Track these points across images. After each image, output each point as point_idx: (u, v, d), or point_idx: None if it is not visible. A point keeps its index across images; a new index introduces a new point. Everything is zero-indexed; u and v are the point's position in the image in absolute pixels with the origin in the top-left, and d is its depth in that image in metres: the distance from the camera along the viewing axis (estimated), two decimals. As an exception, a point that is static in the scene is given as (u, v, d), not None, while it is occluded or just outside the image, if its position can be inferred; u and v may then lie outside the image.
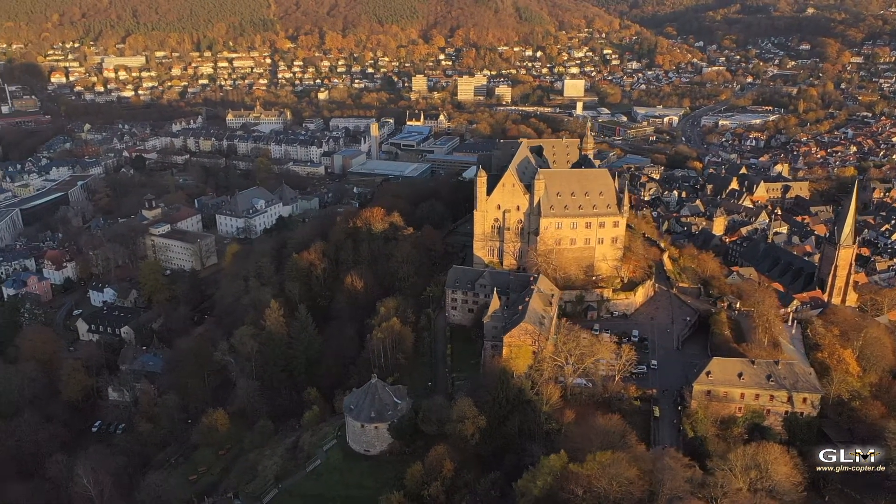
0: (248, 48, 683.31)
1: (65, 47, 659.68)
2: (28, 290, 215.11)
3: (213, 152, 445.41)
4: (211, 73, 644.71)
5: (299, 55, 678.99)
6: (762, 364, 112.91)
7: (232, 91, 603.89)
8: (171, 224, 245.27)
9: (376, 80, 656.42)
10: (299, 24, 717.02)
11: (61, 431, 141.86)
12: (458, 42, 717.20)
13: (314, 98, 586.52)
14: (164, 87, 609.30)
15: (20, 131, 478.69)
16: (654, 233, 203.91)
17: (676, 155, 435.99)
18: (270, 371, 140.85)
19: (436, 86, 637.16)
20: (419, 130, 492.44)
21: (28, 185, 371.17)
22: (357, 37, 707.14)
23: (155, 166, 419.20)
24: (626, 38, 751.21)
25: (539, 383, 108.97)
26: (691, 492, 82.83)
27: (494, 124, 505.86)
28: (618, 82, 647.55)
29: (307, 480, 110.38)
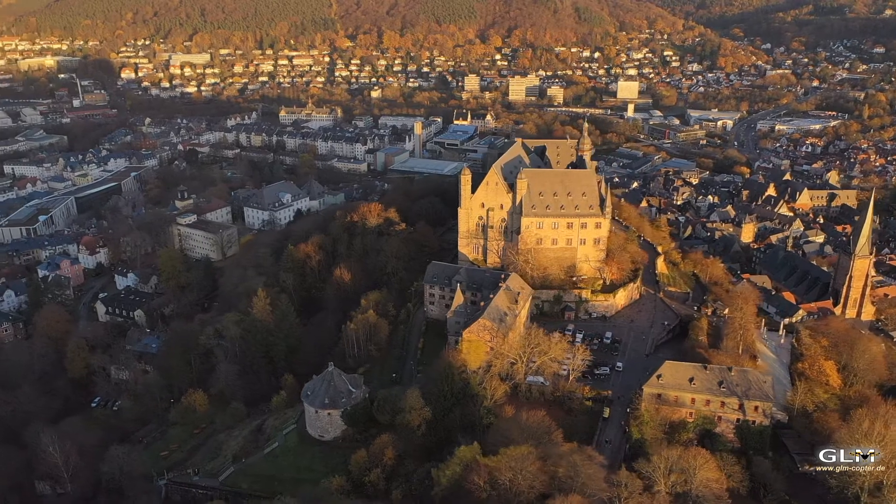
0: (309, 47, 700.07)
1: (136, 45, 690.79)
2: (60, 272, 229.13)
3: (263, 147, 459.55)
4: (271, 70, 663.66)
5: (357, 54, 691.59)
6: (714, 370, 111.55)
7: (289, 88, 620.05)
8: (199, 215, 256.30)
9: (431, 79, 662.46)
10: (359, 24, 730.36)
11: (56, 403, 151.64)
12: (514, 42, 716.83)
13: (367, 96, 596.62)
14: (226, 84, 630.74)
15: (87, 124, 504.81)
16: (663, 236, 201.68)
17: (725, 159, 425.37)
18: (252, 356, 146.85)
19: (489, 86, 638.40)
20: (464, 130, 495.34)
21: (87, 174, 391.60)
22: (414, 36, 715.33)
23: (206, 160, 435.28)
24: (688, 39, 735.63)
25: (486, 378, 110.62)
26: (597, 490, 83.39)
27: (542, 125, 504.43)
28: (675, 84, 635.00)
29: (262, 461, 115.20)
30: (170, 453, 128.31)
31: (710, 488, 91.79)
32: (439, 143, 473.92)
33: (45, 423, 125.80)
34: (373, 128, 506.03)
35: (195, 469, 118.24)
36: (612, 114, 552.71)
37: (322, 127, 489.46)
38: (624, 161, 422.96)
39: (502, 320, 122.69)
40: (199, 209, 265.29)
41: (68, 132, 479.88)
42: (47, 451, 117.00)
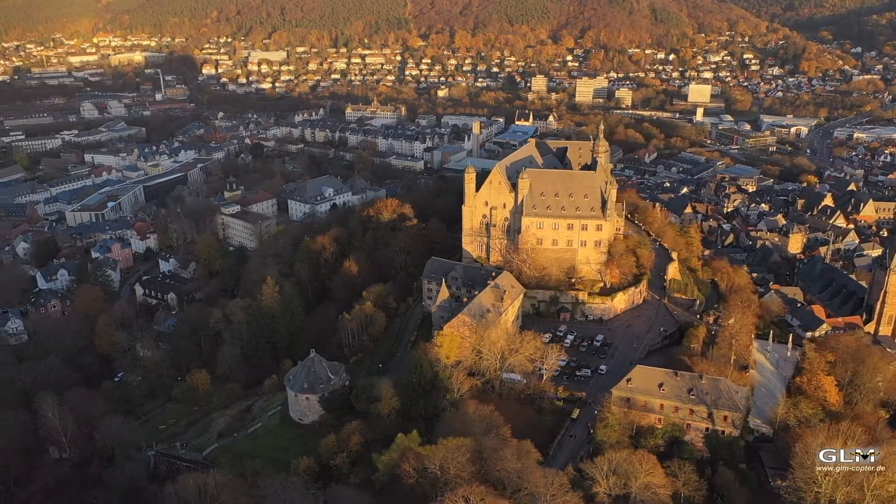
0: (382, 46, 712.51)
1: (219, 42, 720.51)
2: (111, 255, 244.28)
3: (325, 143, 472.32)
4: (343, 68, 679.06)
5: (428, 53, 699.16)
6: (685, 377, 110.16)
7: (359, 86, 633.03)
8: (244, 206, 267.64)
9: (500, 79, 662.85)
10: (432, 23, 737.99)
11: (77, 376, 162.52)
12: (587, 43, 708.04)
13: (433, 95, 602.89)
14: (299, 81, 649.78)
15: (166, 117, 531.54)
16: (687, 243, 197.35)
17: (793, 167, 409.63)
18: (256, 341, 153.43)
19: (557, 87, 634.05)
20: (524, 130, 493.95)
21: (158, 164, 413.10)
22: (486, 36, 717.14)
23: (271, 153, 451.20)
24: (771, 42, 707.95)
25: (454, 372, 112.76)
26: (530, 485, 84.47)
27: (605, 127, 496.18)
28: (752, 89, 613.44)
29: (244, 440, 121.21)
30: (167, 427, 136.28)
31: (653, 493, 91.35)
32: (498, 143, 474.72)
33: (53, 392, 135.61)
34: (435, 126, 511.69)
35: (183, 443, 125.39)
36: (681, 117, 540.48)
37: (384, 124, 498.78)
38: (684, 166, 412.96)
39: (483, 317, 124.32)
40: (245, 200, 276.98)
41: (147, 124, 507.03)
42: (47, 418, 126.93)
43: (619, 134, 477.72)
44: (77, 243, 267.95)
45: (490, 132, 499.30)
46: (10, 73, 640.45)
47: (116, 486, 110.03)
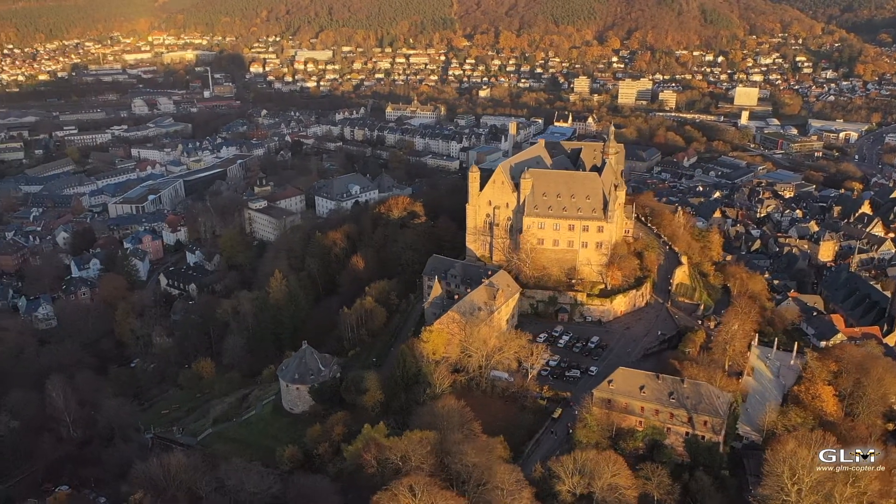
0: (426, 46, 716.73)
1: (267, 41, 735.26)
2: (142, 246, 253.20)
3: (364, 142, 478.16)
4: (387, 68, 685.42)
5: (472, 53, 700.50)
6: (667, 380, 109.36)
7: (402, 86, 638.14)
8: (273, 201, 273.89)
9: (543, 80, 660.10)
10: (477, 23, 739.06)
11: (90, 360, 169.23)
12: (633, 44, 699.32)
13: (474, 95, 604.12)
14: (343, 80, 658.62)
15: (212, 113, 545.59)
16: (703, 247, 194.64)
17: (837, 174, 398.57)
18: (261, 332, 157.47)
19: (601, 88, 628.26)
20: (562, 131, 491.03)
21: (200, 160, 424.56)
22: (531, 36, 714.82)
23: (310, 151, 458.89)
24: (826, 44, 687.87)
25: (436, 368, 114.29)
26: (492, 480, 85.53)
27: (645, 130, 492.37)
28: (803, 92, 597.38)
29: (237, 427, 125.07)
30: (170, 412, 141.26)
31: (619, 495, 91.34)
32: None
33: (62, 375, 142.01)
34: (474, 127, 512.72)
35: (180, 427, 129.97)
36: (725, 121, 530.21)
37: (422, 124, 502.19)
38: (723, 170, 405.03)
39: (473, 314, 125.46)
40: (273, 196, 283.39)
41: (193, 120, 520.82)
42: (52, 398, 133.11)
43: (659, 137, 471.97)
44: (114, 234, 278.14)
45: (528, 133, 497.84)
46: (69, 69, 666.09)
47: (112, 466, 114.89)
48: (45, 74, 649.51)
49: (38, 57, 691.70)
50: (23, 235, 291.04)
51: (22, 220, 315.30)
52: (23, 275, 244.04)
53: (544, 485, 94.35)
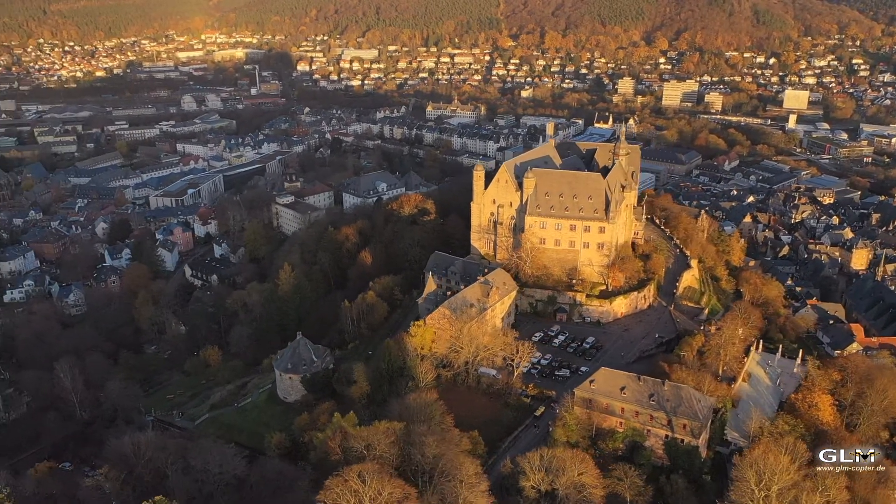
0: (471, 45, 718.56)
1: (315, 39, 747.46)
2: (172, 238, 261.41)
3: (402, 140, 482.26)
4: (432, 67, 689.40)
5: (517, 53, 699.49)
6: (648, 382, 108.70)
7: (445, 85, 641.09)
8: (301, 197, 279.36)
9: (587, 80, 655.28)
10: (523, 23, 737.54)
11: (108, 346, 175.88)
12: (682, 45, 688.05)
13: (516, 95, 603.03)
14: (387, 79, 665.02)
15: (257, 110, 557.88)
16: (720, 251, 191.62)
17: (886, 180, 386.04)
18: (267, 322, 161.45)
19: (646, 89, 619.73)
20: (601, 133, 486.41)
21: (242, 156, 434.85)
22: (577, 37, 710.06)
23: (348, 148, 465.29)
24: (885, 46, 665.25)
25: (421, 362, 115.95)
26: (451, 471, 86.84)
27: (687, 132, 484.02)
28: (857, 96, 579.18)
29: (232, 413, 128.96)
30: (175, 397, 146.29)
31: (585, 494, 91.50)
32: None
33: (73, 357, 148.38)
34: (513, 127, 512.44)
35: (179, 412, 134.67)
36: (772, 124, 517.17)
37: (461, 123, 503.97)
38: (764, 174, 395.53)
39: (464, 311, 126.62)
40: (302, 191, 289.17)
41: (238, 117, 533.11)
42: (60, 379, 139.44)
43: (701, 139, 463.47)
44: (149, 226, 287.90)
45: (567, 133, 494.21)
46: (124, 66, 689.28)
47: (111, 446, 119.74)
48: (102, 71, 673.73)
49: (97, 54, 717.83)
50: (66, 225, 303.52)
51: (67, 211, 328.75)
52: (61, 262, 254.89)
53: (512, 480, 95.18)
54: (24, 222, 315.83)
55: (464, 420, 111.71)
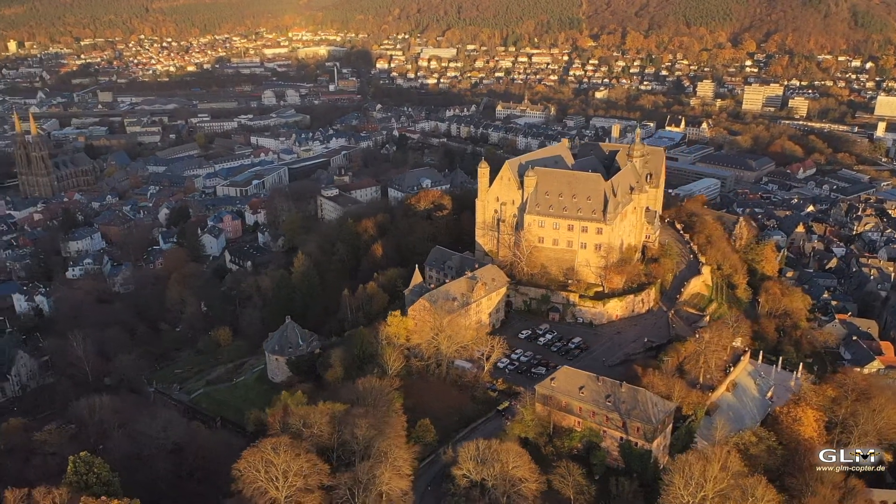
0: (550, 45, 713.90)
1: (396, 38, 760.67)
2: (221, 225, 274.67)
3: (467, 139, 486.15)
4: (509, 67, 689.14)
5: (596, 54, 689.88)
6: (606, 383, 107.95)
7: (519, 85, 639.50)
8: (347, 190, 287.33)
9: (667, 82, 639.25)
10: (604, 24, 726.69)
11: (133, 321, 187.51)
12: (771, 48, 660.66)
13: (590, 96, 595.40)
14: (463, 78, 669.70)
15: (332, 106, 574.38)
16: (761, 261, 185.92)
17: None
18: (276, 307, 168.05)
19: (728, 93, 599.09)
20: (671, 136, 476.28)
21: (310, 149, 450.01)
22: (659, 38, 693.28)
23: (414, 145, 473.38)
24: None
25: (390, 350, 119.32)
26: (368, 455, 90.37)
27: (764, 138, 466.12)
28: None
29: (225, 390, 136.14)
30: (183, 372, 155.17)
31: (519, 488, 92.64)
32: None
33: (89, 329, 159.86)
34: (582, 128, 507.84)
35: (177, 386, 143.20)
36: (860, 132, 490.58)
37: (528, 123, 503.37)
38: (839, 184, 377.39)
39: (445, 304, 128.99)
40: (348, 185, 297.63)
41: (313, 112, 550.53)
42: (72, 347, 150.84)
43: (776, 146, 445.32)
44: (207, 213, 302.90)
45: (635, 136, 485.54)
46: (213, 62, 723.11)
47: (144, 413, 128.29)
48: (193, 66, 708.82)
49: (191, 50, 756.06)
50: (135, 210, 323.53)
51: (139, 197, 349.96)
52: (120, 244, 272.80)
53: (450, 467, 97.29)
54: (100, 206, 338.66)
55: (427, 409, 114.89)
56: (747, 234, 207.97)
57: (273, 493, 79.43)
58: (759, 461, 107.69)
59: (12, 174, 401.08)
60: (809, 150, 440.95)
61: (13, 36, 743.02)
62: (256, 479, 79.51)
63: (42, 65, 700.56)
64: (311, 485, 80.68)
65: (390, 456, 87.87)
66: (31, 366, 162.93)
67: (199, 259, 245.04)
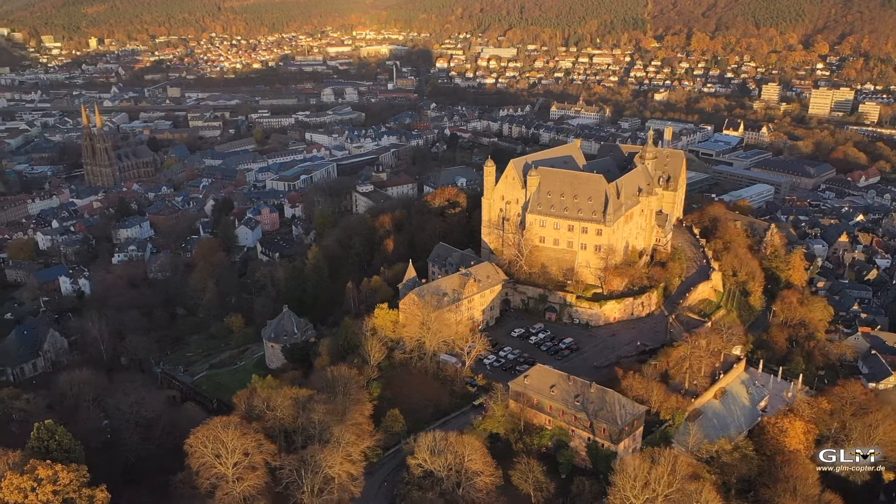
0: (612, 46, 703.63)
1: (457, 37, 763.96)
2: (259, 218, 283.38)
3: (518, 139, 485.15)
4: (569, 67, 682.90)
5: (659, 55, 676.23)
6: (577, 383, 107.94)
7: (577, 85, 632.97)
8: (383, 187, 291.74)
9: (732, 85, 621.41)
10: (670, 24, 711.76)
11: (152, 304, 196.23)
12: (845, 50, 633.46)
13: (649, 98, 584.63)
14: (521, 77, 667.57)
15: (387, 104, 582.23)
16: (794, 271, 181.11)
17: None
18: (287, 296, 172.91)
19: (795, 96, 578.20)
20: (727, 140, 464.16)
21: (361, 146, 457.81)
22: (726, 39, 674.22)
23: (464, 144, 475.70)
24: None
25: (372, 341, 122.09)
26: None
27: (827, 144, 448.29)
28: None
29: (225, 373, 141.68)
30: (193, 355, 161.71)
31: (474, 481, 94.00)
32: (693, 152, 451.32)
33: (111, 310, 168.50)
34: (637, 130, 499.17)
35: (181, 368, 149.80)
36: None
37: (581, 124, 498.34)
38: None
39: (433, 299, 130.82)
40: (385, 182, 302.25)
41: (368, 110, 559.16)
42: (88, 327, 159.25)
43: (838, 152, 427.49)
44: (252, 205, 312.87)
45: (692, 139, 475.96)
46: (278, 59, 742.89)
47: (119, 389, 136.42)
48: (259, 64, 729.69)
49: (258, 48, 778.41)
50: (186, 201, 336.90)
51: (192, 188, 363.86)
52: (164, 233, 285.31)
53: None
54: (155, 196, 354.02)
55: (405, 400, 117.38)
56: (778, 242, 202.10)
57: (219, 468, 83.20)
58: (733, 470, 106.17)
59: (80, 164, 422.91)
60: (875, 157, 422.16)
61: (94, 33, 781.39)
62: (204, 454, 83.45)
63: (119, 61, 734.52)
64: (255, 462, 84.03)
65: (342, 441, 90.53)
66: (62, 344, 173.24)
67: (233, 249, 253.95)
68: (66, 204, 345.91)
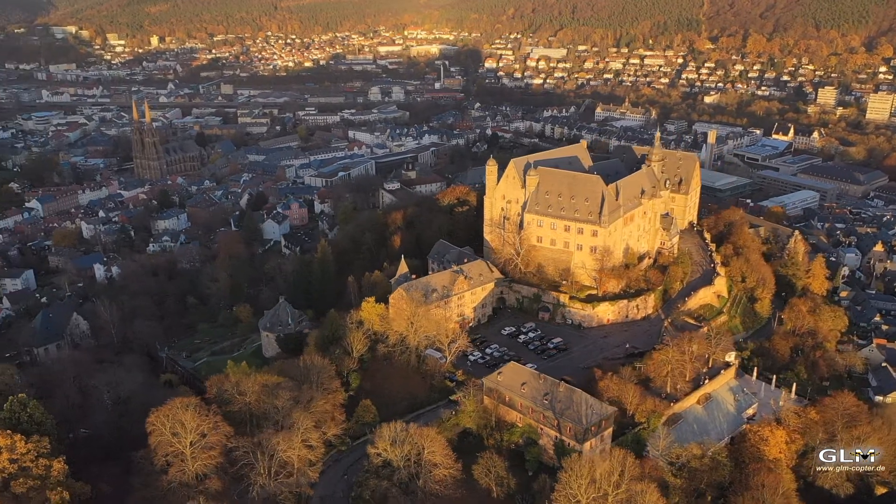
0: (665, 47, 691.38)
1: (508, 37, 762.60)
2: (287, 212, 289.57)
3: (560, 139, 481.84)
4: (619, 68, 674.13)
5: (713, 57, 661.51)
6: (546, 381, 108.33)
7: (627, 87, 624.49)
8: (411, 185, 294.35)
9: (788, 88, 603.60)
10: (725, 25, 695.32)
11: (169, 291, 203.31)
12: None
13: (699, 100, 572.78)
14: (569, 78, 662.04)
15: (432, 104, 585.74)
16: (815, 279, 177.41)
17: None
18: (294, 289, 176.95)
19: (854, 101, 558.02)
20: (774, 145, 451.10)
21: (402, 145, 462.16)
22: (784, 41, 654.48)
23: (505, 144, 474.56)
24: None
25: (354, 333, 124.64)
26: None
27: (884, 150, 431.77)
28: None
29: (224, 359, 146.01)
30: (201, 342, 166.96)
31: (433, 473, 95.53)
32: (738, 156, 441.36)
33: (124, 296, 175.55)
34: (683, 133, 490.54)
35: (184, 353, 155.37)
36: None
37: (625, 126, 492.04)
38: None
39: (424, 294, 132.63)
40: (413, 181, 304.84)
41: (413, 109, 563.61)
42: (99, 311, 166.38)
43: (892, 159, 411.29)
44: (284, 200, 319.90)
45: (739, 143, 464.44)
46: (329, 58, 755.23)
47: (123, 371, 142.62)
48: (310, 62, 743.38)
49: (312, 46, 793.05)
50: (226, 195, 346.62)
51: (233, 183, 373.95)
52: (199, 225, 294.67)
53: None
54: (197, 189, 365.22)
55: (383, 392, 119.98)
56: (801, 249, 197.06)
57: (176, 446, 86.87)
58: (703, 476, 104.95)
59: (131, 158, 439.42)
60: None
61: (156, 31, 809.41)
62: (163, 432, 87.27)
63: (177, 58, 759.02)
64: (212, 443, 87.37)
65: (301, 427, 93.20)
66: (84, 327, 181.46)
67: (256, 243, 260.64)
68: (114, 195, 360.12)
